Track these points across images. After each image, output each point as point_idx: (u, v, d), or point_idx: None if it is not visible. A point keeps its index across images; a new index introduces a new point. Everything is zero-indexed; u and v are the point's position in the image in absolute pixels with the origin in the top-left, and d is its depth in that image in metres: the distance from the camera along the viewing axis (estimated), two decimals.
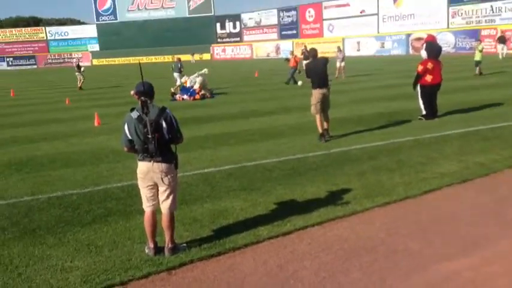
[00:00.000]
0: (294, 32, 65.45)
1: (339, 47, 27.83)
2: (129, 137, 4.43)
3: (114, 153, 9.26)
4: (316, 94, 9.49)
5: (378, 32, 54.60)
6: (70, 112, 16.14)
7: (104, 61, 74.22)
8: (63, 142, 10.74)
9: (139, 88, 4.41)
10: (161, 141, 4.35)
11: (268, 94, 18.94)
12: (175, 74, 21.62)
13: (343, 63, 24.80)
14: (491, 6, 44.01)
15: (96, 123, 12.93)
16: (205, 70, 19.45)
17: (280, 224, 5.22)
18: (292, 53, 27.53)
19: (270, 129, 11.27)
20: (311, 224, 5.22)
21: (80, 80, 26.47)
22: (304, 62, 26.37)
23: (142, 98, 4.35)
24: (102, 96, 21.69)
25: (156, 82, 4.95)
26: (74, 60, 32.61)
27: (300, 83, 21.88)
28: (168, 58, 70.65)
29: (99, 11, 77.89)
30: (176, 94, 19.00)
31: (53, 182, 7.40)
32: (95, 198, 6.46)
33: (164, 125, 4.37)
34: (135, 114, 4.35)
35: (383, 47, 52.19)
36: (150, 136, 4.28)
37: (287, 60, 25.25)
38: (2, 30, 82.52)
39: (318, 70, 9.48)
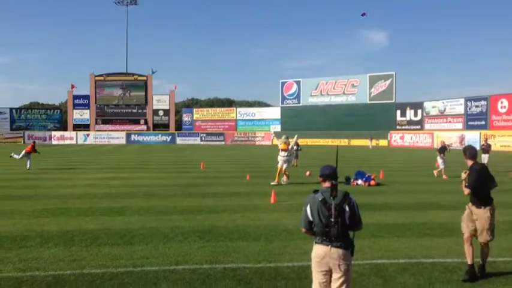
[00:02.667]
0: (483, 122, 61.17)
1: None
2: (310, 219, 4.49)
3: (287, 231, 9.47)
4: (468, 210, 6.97)
5: None
6: (249, 187, 17.16)
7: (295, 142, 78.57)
8: (241, 215, 11.37)
9: (327, 171, 4.54)
10: (342, 226, 4.33)
11: (450, 186, 17.66)
12: (439, 157, 22.29)
13: None
14: None
15: (272, 200, 13.47)
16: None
17: None
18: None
19: (451, 224, 10.33)
20: None
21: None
22: (484, 156, 23.42)
23: (333, 181, 4.45)
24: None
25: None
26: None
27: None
28: (344, 142, 71.84)
29: (285, 95, 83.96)
30: (351, 179, 18.91)
31: (229, 253, 7.80)
32: (265, 275, 6.60)
33: (347, 209, 4.37)
34: (319, 197, 4.43)
35: None
36: (333, 220, 4.29)
37: None
38: (201, 109, 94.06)
39: (482, 179, 6.82)
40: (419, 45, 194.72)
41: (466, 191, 6.75)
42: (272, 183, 17.60)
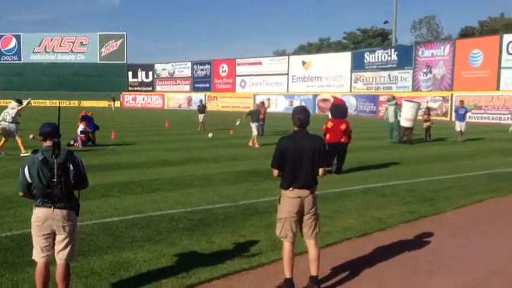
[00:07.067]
0: (207, 85, 66.56)
1: (262, 102, 26.85)
2: (29, 181, 4.12)
3: (5, 199, 8.55)
4: (287, 199, 4.87)
5: (288, 91, 57.20)
6: None
7: (1, 102, 69.83)
8: None
9: (48, 129, 4.20)
10: (66, 186, 4.10)
11: (178, 144, 18.80)
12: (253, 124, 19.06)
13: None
14: (389, 75, 48.29)
15: None
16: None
17: (184, 276, 5.05)
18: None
19: (178, 179, 11.09)
20: (216, 276, 5.11)
21: None
22: (200, 115, 26.21)
23: (55, 139, 4.13)
24: None
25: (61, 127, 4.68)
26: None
27: (210, 135, 21.97)
28: (74, 103, 68.26)
29: (2, 50, 74.05)
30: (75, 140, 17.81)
31: None
32: None
33: (71, 168, 4.16)
34: (39, 156, 4.08)
35: (291, 105, 54.52)
36: (55, 180, 4.02)
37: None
38: None
39: (299, 154, 4.80)
40: (152, 7, 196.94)
41: None
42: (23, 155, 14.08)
